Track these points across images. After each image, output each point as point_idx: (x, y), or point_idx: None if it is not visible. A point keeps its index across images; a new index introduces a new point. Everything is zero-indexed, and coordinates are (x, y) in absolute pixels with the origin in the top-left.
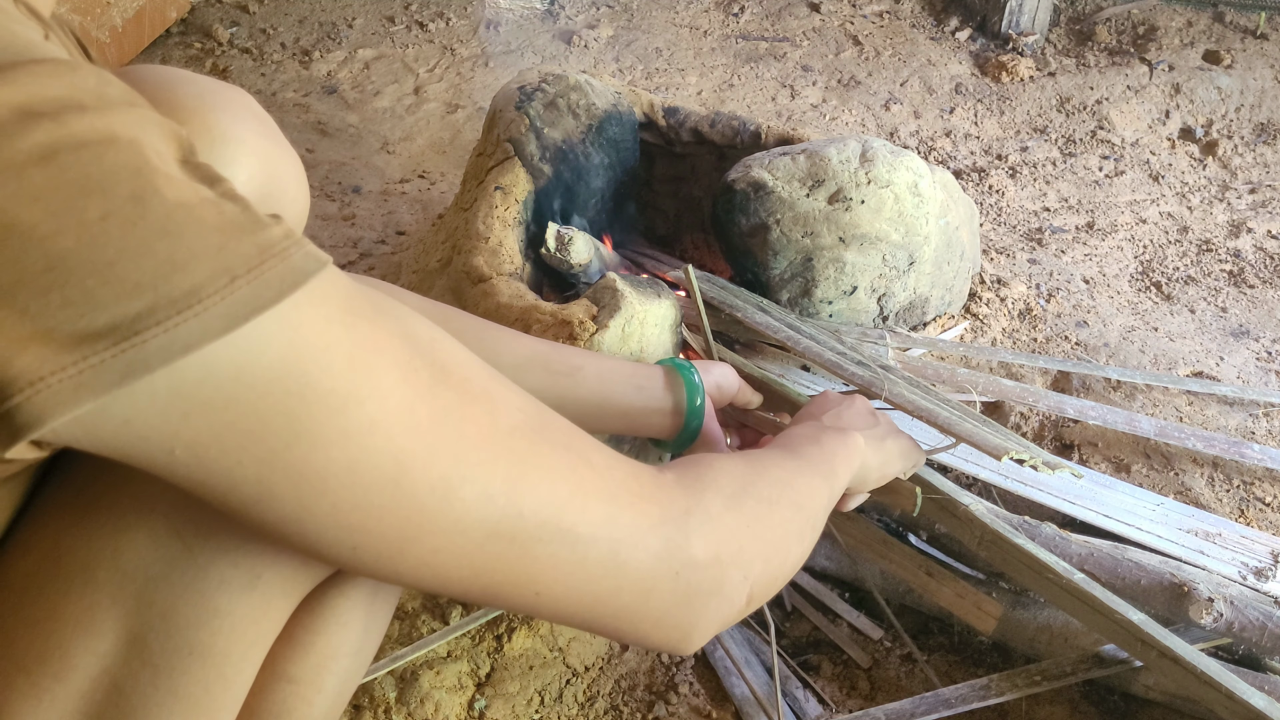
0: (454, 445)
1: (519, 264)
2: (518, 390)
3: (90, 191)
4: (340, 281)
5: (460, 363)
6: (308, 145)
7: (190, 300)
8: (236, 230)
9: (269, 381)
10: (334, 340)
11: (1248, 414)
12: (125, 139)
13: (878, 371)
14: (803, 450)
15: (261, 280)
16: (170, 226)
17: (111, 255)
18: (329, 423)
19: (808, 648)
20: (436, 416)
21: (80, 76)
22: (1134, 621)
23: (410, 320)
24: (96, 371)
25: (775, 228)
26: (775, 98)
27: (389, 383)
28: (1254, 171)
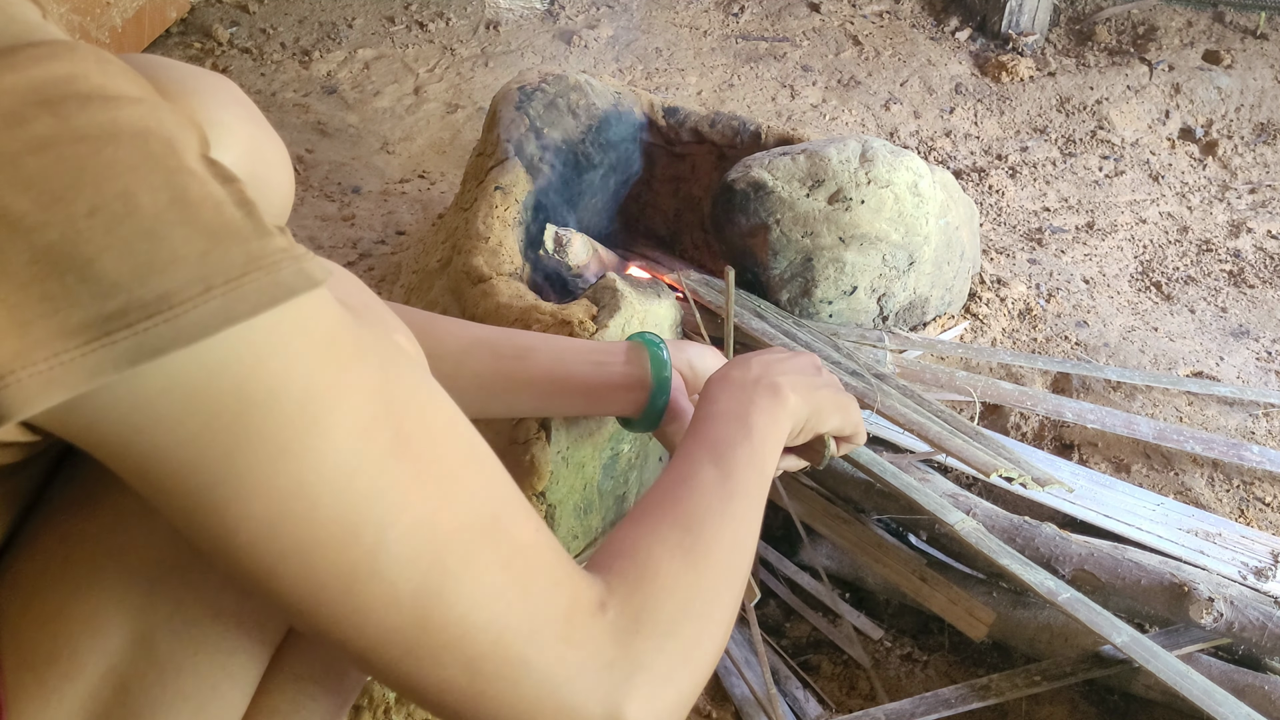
0: (379, 531)
1: (519, 264)
2: (490, 479)
3: (82, 185)
4: (327, 310)
5: (433, 438)
6: (308, 145)
7: (161, 305)
8: (229, 237)
9: (221, 404)
10: (296, 376)
11: (1248, 414)
12: (131, 132)
13: (871, 382)
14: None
15: (238, 293)
16: (156, 228)
17: (92, 252)
18: (260, 469)
19: (808, 648)
20: (375, 492)
21: (80, 59)
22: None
23: (399, 376)
24: (66, 369)
25: (775, 228)
26: (775, 98)
27: (337, 439)
28: (1254, 171)
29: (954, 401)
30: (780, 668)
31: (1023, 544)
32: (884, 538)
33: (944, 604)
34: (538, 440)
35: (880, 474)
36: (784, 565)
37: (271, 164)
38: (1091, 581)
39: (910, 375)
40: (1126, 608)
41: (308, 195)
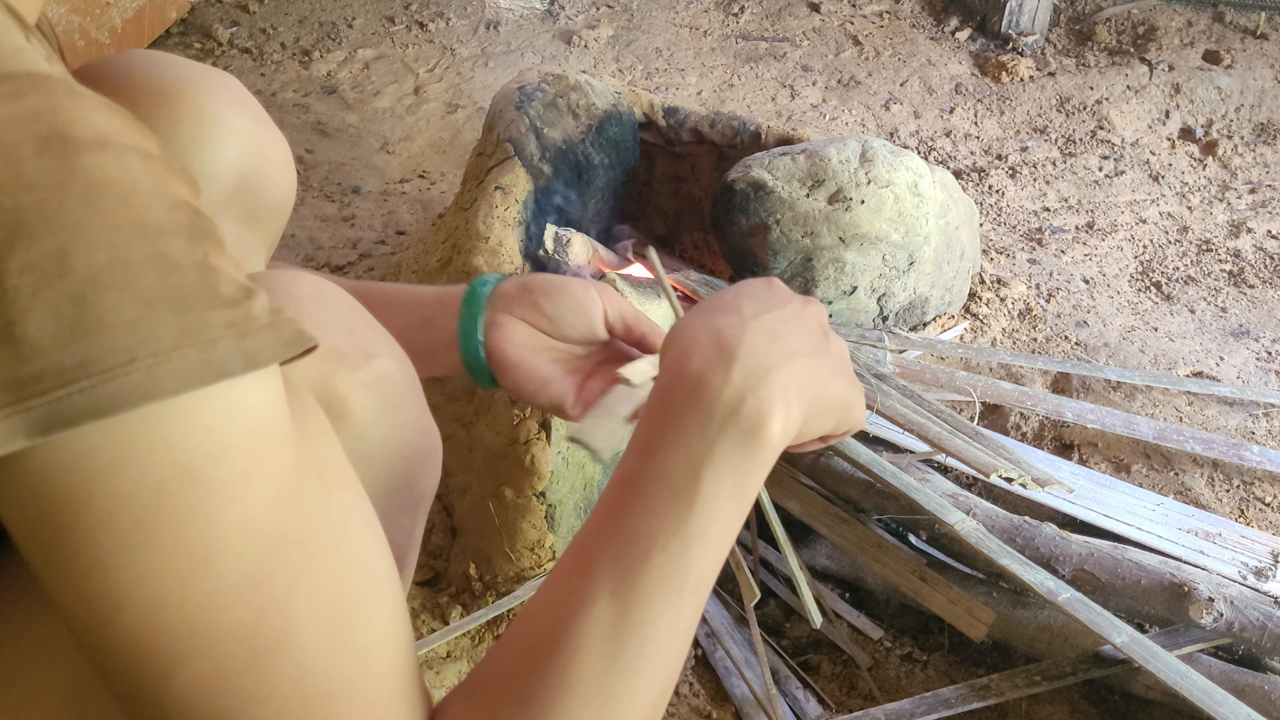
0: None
1: (519, 264)
2: (356, 622)
3: (17, 239)
4: (259, 405)
5: (297, 575)
6: (307, 145)
7: (79, 373)
8: (164, 305)
9: (63, 494)
10: (138, 492)
11: (1248, 414)
12: (81, 182)
13: (871, 382)
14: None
15: (162, 368)
16: (87, 291)
17: (15, 313)
18: (77, 566)
19: (808, 648)
20: (183, 630)
21: (47, 96)
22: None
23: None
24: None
25: (775, 228)
26: (775, 98)
27: (156, 568)
28: (1254, 171)
29: (954, 401)
30: (780, 668)
31: (1023, 544)
32: (884, 538)
33: (944, 604)
34: (538, 440)
35: (880, 474)
36: (784, 565)
37: (274, 160)
38: (1091, 581)
39: (910, 375)
40: (1126, 608)
41: (308, 195)
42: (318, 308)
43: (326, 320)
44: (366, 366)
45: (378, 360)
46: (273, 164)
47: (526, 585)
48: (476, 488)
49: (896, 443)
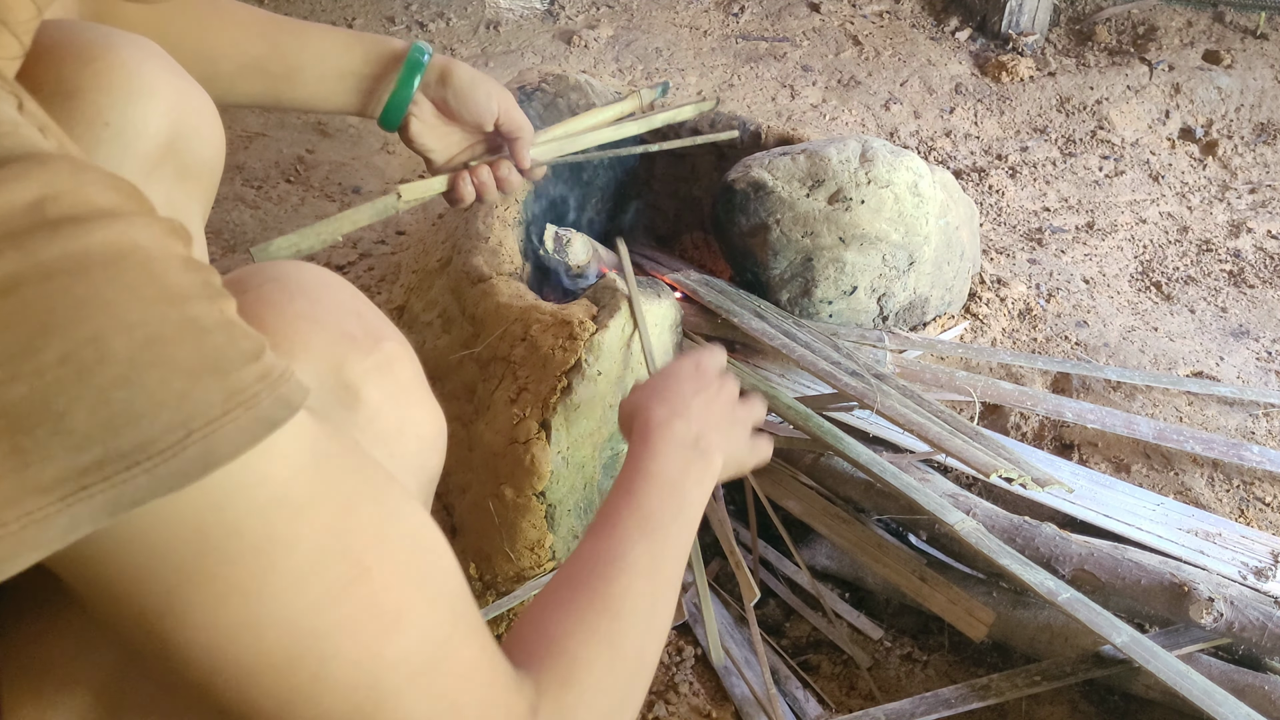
0: (320, 664)
1: (519, 264)
2: (440, 602)
3: (50, 331)
4: (299, 442)
5: (392, 567)
6: (308, 145)
7: (139, 455)
8: (206, 372)
9: (177, 544)
10: (255, 522)
11: (1248, 414)
12: (103, 261)
13: (871, 382)
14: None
15: (219, 435)
16: (131, 373)
17: (65, 405)
18: (207, 607)
19: (808, 648)
20: (320, 628)
21: (52, 175)
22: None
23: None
24: (40, 528)
25: (775, 228)
26: (775, 98)
27: (283, 583)
28: (1254, 171)
29: (954, 401)
30: (780, 668)
31: (1023, 544)
32: (884, 538)
33: (944, 604)
34: (538, 440)
35: (880, 474)
36: (784, 565)
37: (200, 113)
38: (1091, 581)
39: (910, 375)
40: (1126, 608)
41: (308, 195)
42: (325, 294)
43: (336, 305)
44: (378, 350)
45: (387, 344)
46: (201, 119)
47: (526, 585)
48: (476, 487)
49: (896, 443)
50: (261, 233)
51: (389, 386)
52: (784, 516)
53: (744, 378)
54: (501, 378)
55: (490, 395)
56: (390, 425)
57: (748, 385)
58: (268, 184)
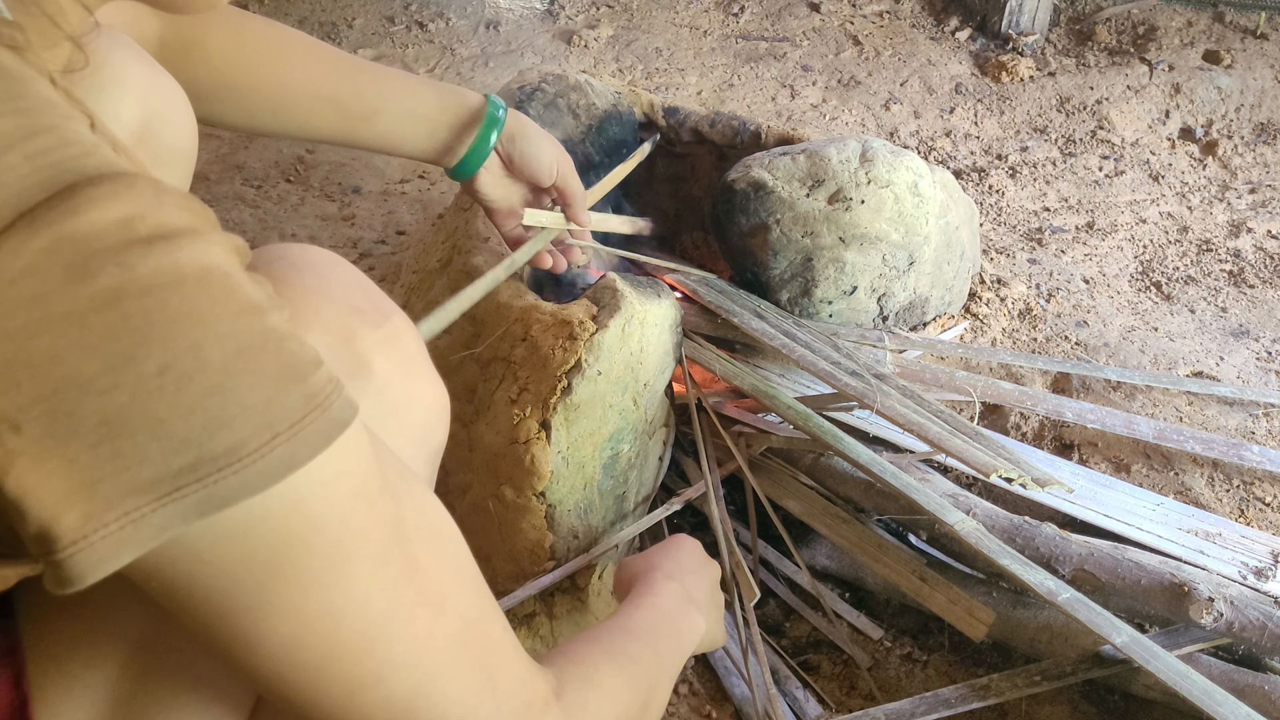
0: (388, 646)
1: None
2: (465, 584)
3: (151, 342)
4: (362, 443)
5: (431, 553)
6: (307, 145)
7: (230, 458)
8: (288, 378)
9: (262, 541)
10: (333, 515)
11: (1248, 414)
12: (193, 276)
13: (871, 382)
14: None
15: (300, 438)
16: (224, 381)
17: (164, 412)
18: (292, 598)
19: (808, 648)
20: (386, 616)
21: (138, 194)
22: (1118, 644)
23: (408, 500)
24: (137, 527)
25: (775, 228)
26: (775, 98)
27: (359, 572)
28: (1254, 171)
29: (954, 401)
30: (780, 668)
31: (1023, 544)
32: (884, 538)
33: (944, 604)
34: (538, 440)
35: (880, 474)
36: (784, 565)
37: (172, 101)
38: (1091, 581)
39: (910, 375)
40: (1126, 608)
41: (308, 195)
42: (331, 270)
43: (344, 281)
44: (386, 323)
45: (394, 317)
46: (172, 108)
47: (526, 585)
48: (476, 487)
49: (896, 443)
50: (261, 232)
51: (396, 358)
52: (784, 516)
53: (744, 377)
54: (502, 378)
55: (491, 395)
56: (399, 396)
57: (748, 385)
58: (268, 183)
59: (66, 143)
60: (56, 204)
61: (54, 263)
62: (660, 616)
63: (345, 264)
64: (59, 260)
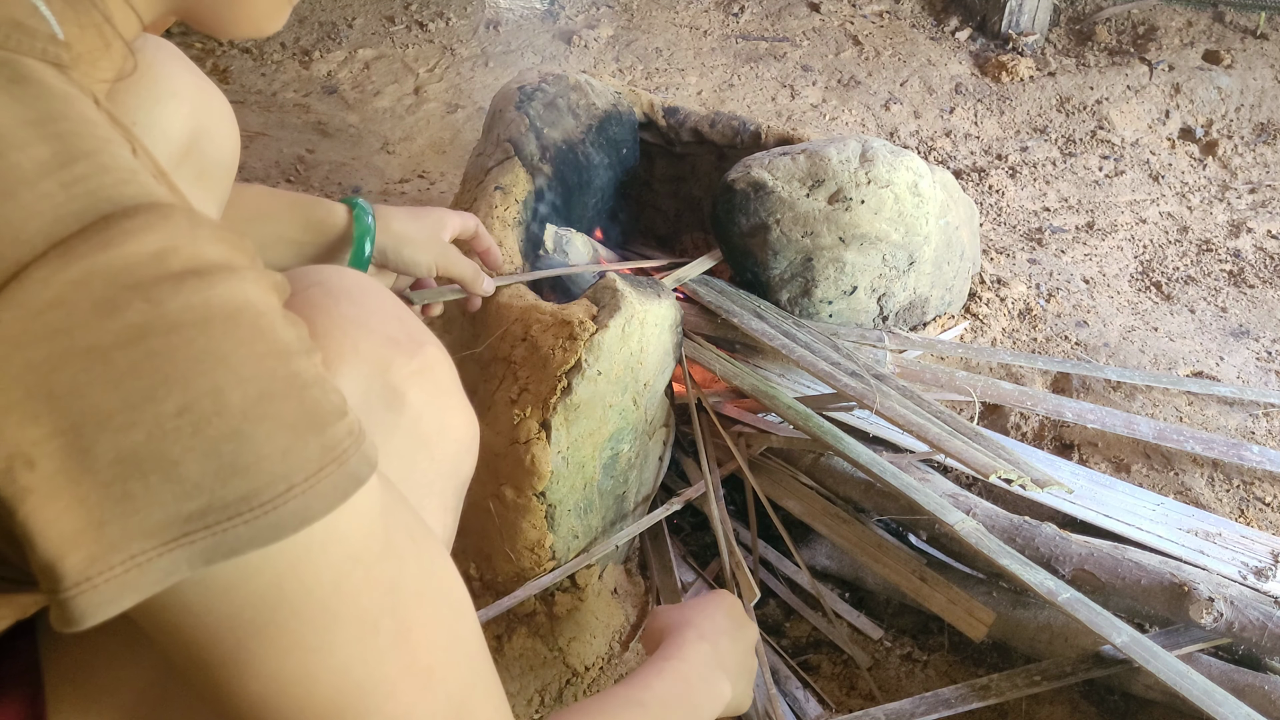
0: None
1: (519, 264)
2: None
3: (172, 381)
4: (373, 501)
5: (427, 622)
6: (308, 145)
7: (242, 507)
8: (307, 427)
9: (251, 599)
10: (322, 580)
11: (1248, 414)
12: (223, 315)
13: (870, 382)
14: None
15: (315, 491)
16: (243, 426)
17: (178, 454)
18: (270, 659)
19: (808, 648)
20: (364, 687)
21: (173, 227)
22: (1118, 644)
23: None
24: (142, 571)
25: (775, 228)
26: (775, 98)
27: (343, 639)
28: (1254, 171)
29: (954, 401)
30: (780, 668)
31: (1023, 544)
32: (884, 538)
33: (944, 604)
34: (538, 440)
35: (880, 474)
36: (784, 565)
37: (219, 118)
38: (1091, 581)
39: (910, 375)
40: (1126, 608)
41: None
42: (368, 298)
43: (381, 310)
44: (420, 354)
45: (428, 348)
46: (219, 122)
47: (526, 585)
48: (476, 487)
49: (896, 443)
50: None
51: (430, 390)
52: (784, 516)
53: (744, 377)
54: (502, 378)
55: (491, 396)
56: (431, 429)
57: (748, 385)
58: (268, 183)
59: (104, 169)
60: (90, 235)
61: (83, 296)
62: (681, 687)
63: (381, 289)
64: (88, 293)
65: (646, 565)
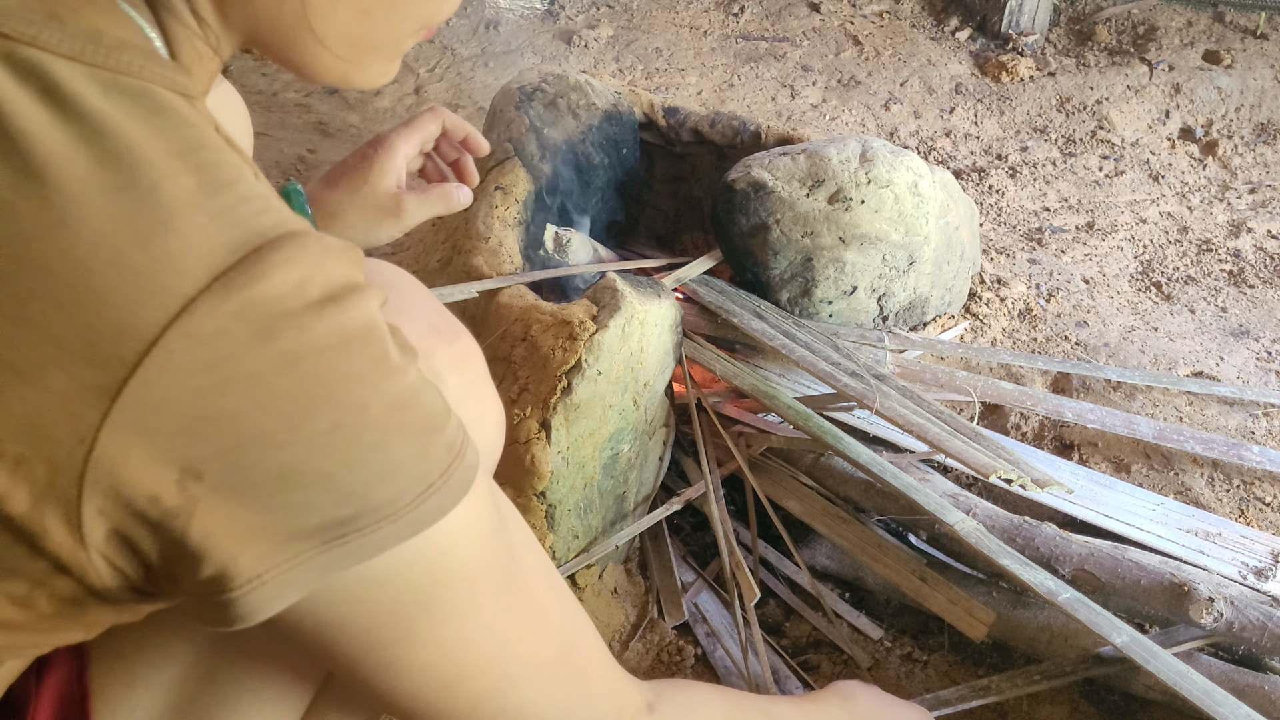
0: (504, 664)
1: (519, 264)
2: (562, 599)
3: (324, 401)
4: (485, 479)
5: (534, 572)
6: (309, 145)
7: (390, 509)
8: (431, 430)
9: (411, 584)
10: (471, 556)
11: (1248, 414)
12: (357, 335)
13: (870, 382)
14: None
15: (447, 486)
16: (383, 439)
17: (333, 467)
18: (434, 630)
19: (808, 648)
20: (505, 637)
21: (309, 256)
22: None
23: (510, 515)
24: (303, 569)
25: (775, 228)
26: (775, 98)
27: (488, 601)
28: (1254, 171)
29: (954, 401)
30: (780, 668)
31: (1023, 544)
32: (884, 538)
33: (944, 604)
34: (538, 440)
35: (880, 474)
36: (784, 565)
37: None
38: (1091, 581)
39: (910, 375)
40: (1126, 608)
41: None
42: (410, 291)
43: (420, 301)
44: (458, 342)
45: (464, 338)
46: (234, 119)
47: None
48: None
49: (896, 443)
50: None
51: (468, 376)
52: (784, 516)
53: (744, 377)
54: (502, 378)
55: None
56: (472, 414)
57: (748, 385)
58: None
59: (244, 199)
60: (246, 268)
61: (242, 325)
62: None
63: (416, 282)
64: (247, 323)
65: (646, 565)
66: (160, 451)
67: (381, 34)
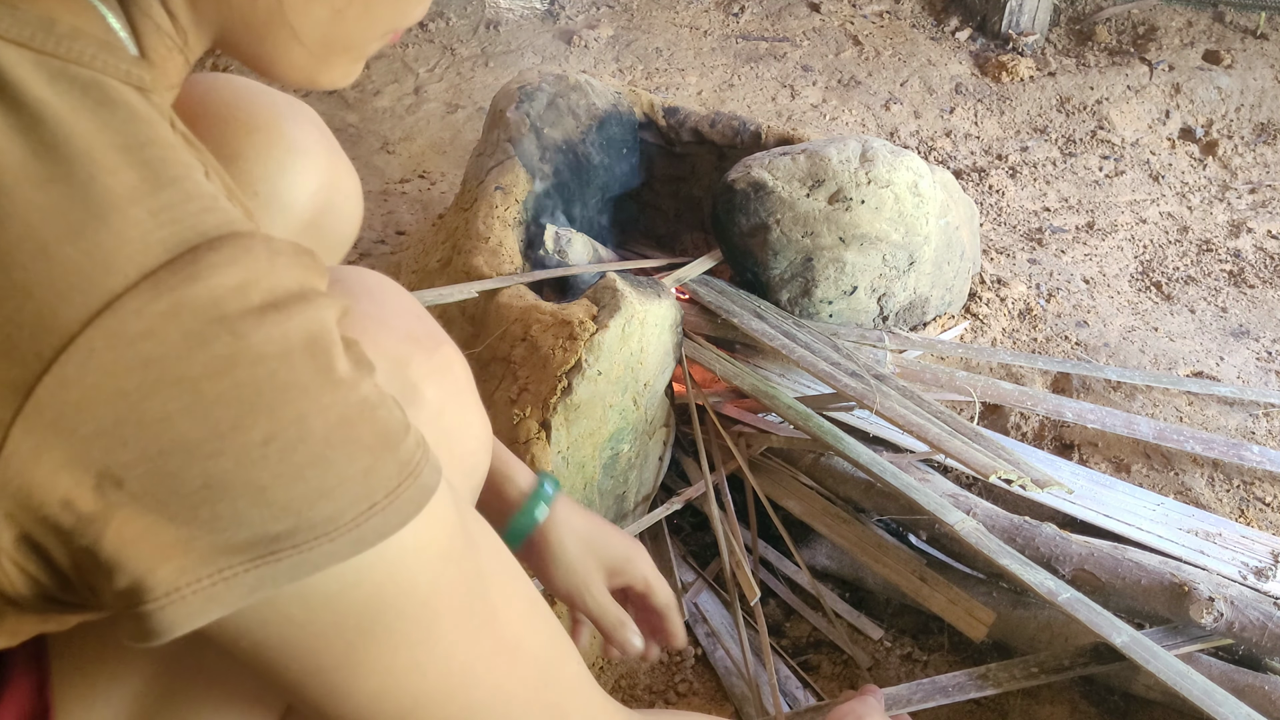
0: (468, 694)
1: (519, 264)
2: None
3: (258, 411)
4: (446, 504)
5: (507, 597)
6: None
7: (328, 526)
8: (383, 447)
9: (354, 606)
10: (422, 580)
11: (1248, 414)
12: (300, 346)
13: (870, 382)
14: None
15: (393, 507)
16: (325, 452)
17: (266, 480)
18: (381, 657)
19: (808, 648)
20: (467, 666)
21: (253, 259)
22: (1118, 645)
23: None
24: (229, 585)
25: (775, 228)
26: (775, 98)
27: (445, 628)
28: (1254, 171)
29: (954, 401)
30: (780, 667)
31: (1023, 544)
32: (884, 538)
33: (944, 604)
34: (538, 440)
35: (880, 474)
36: (784, 565)
37: (347, 194)
38: (1091, 581)
39: (910, 375)
40: (1126, 607)
41: None
42: (389, 297)
43: (400, 308)
44: (438, 352)
45: (445, 347)
46: (346, 199)
47: None
48: None
49: (896, 443)
50: None
51: (448, 388)
52: (784, 516)
53: (744, 377)
54: (502, 378)
55: (490, 395)
56: (451, 425)
57: (748, 385)
58: None
59: (188, 197)
60: (179, 268)
61: (173, 327)
62: None
63: (400, 289)
64: (178, 326)
65: None
66: (76, 454)
67: (352, 35)
